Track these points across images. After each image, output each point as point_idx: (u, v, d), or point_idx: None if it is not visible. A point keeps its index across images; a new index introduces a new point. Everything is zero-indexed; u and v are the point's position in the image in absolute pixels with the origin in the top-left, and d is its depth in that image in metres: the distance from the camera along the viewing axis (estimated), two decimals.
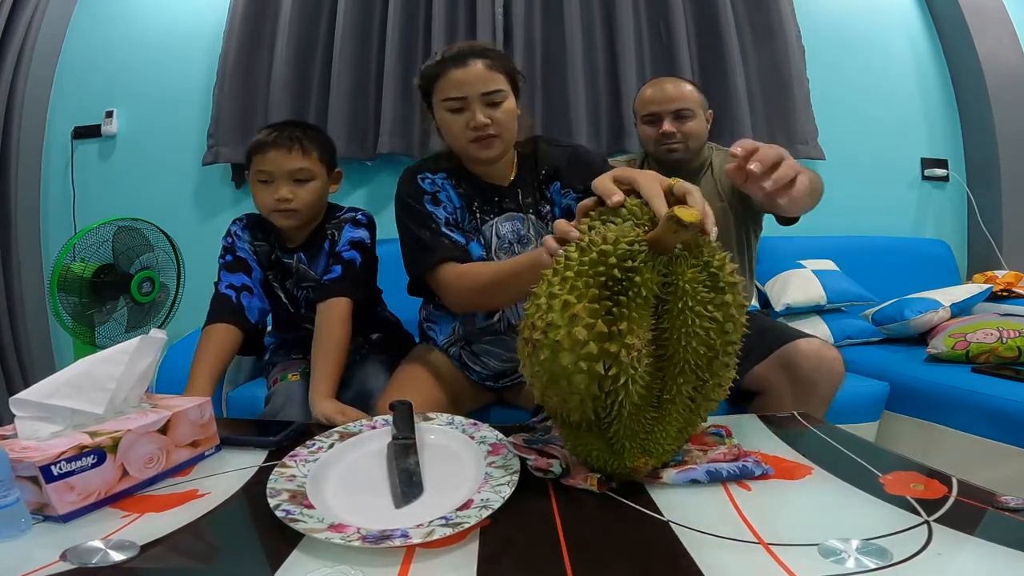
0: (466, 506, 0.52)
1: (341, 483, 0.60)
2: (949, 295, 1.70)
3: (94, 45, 2.17)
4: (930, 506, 0.52)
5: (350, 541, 0.46)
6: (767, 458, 0.64)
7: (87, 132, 2.14)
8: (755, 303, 1.82)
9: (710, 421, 0.71)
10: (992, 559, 0.43)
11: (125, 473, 0.59)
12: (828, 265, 1.92)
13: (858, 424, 1.38)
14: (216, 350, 1.04)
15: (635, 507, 0.54)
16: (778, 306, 1.78)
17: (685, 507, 0.53)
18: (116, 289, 1.71)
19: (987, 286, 1.77)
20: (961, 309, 1.68)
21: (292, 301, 1.20)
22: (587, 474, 0.59)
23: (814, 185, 0.94)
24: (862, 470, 0.61)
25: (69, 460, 0.54)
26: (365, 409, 1.01)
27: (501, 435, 0.67)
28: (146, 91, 2.15)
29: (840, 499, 0.55)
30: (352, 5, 2.01)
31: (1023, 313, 1.59)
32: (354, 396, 1.08)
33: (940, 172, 2.27)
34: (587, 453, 0.58)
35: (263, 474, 0.61)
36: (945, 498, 0.53)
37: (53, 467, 0.52)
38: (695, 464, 0.60)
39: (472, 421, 0.71)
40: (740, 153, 0.67)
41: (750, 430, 0.75)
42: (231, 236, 1.17)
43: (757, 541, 0.47)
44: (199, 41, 2.13)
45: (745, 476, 0.59)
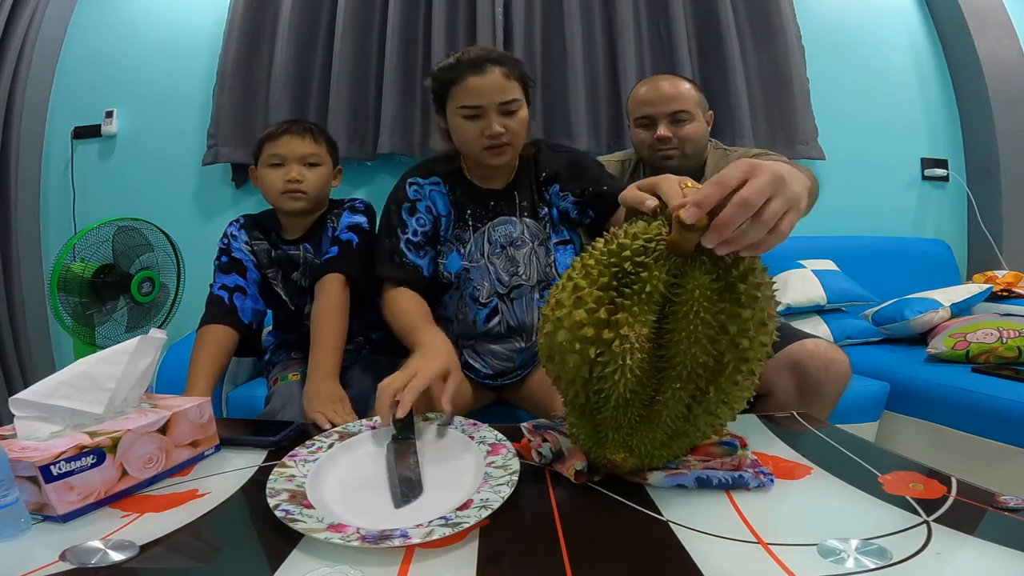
0: (466, 506, 0.52)
1: (341, 483, 0.60)
2: (949, 295, 1.70)
3: (94, 45, 2.17)
4: (929, 506, 0.52)
5: (350, 541, 0.46)
6: (767, 458, 0.64)
7: (87, 132, 2.15)
8: None
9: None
10: (992, 559, 0.43)
11: (125, 473, 0.59)
12: (828, 265, 1.92)
13: (858, 424, 1.38)
14: (212, 351, 1.05)
15: (634, 507, 0.54)
16: (778, 306, 1.78)
17: (685, 507, 0.53)
18: (116, 289, 1.72)
19: (987, 286, 1.77)
20: (961, 309, 1.68)
21: (297, 294, 1.20)
22: (573, 463, 0.59)
23: (810, 190, 0.89)
24: (862, 470, 0.61)
25: (69, 460, 0.54)
26: (364, 409, 1.01)
27: (501, 435, 0.67)
28: (146, 91, 2.15)
29: (839, 499, 0.55)
30: (352, 5, 2.02)
31: (1023, 313, 1.59)
32: (354, 396, 1.08)
33: (940, 172, 2.26)
34: (577, 435, 0.60)
35: (263, 474, 0.61)
36: (944, 498, 0.53)
37: (53, 467, 0.52)
38: (688, 470, 0.59)
39: (472, 421, 0.71)
40: (688, 220, 0.48)
41: (750, 430, 0.75)
42: (227, 237, 1.18)
43: (756, 541, 0.47)
44: (199, 41, 2.13)
45: (737, 487, 0.57)
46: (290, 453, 0.64)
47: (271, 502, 0.53)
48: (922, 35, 2.30)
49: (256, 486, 0.60)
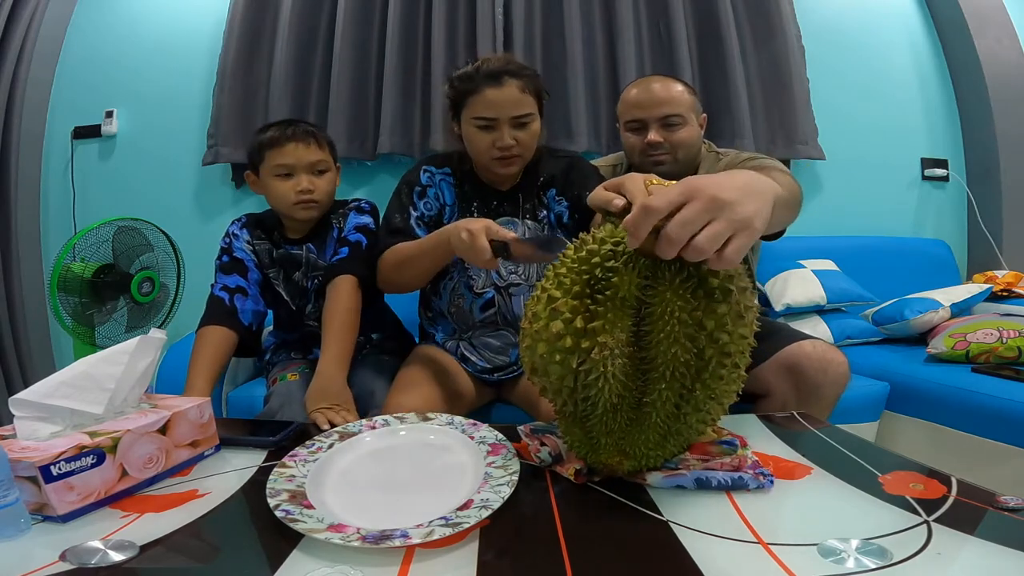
0: (466, 506, 0.52)
1: (341, 483, 0.60)
2: (949, 295, 1.70)
3: (94, 45, 2.17)
4: (930, 506, 0.52)
5: (350, 541, 0.46)
6: (767, 458, 0.64)
7: (87, 132, 2.15)
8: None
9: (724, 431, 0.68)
10: (992, 559, 0.43)
11: (125, 473, 0.59)
12: (828, 265, 1.92)
13: (858, 424, 1.38)
14: (211, 351, 1.04)
15: (635, 507, 0.54)
16: (778, 306, 1.78)
17: (685, 507, 0.53)
18: (116, 289, 1.72)
19: (987, 286, 1.77)
20: (961, 309, 1.68)
21: (299, 294, 1.20)
22: (573, 464, 0.59)
23: (792, 196, 0.89)
24: (862, 470, 0.61)
25: (68, 460, 0.54)
26: (366, 409, 1.01)
27: (501, 435, 0.67)
28: (146, 91, 2.15)
29: (840, 499, 0.55)
30: (352, 5, 2.01)
31: (1023, 313, 1.59)
32: (355, 396, 1.08)
33: (940, 172, 2.26)
34: (571, 442, 0.60)
35: (263, 474, 0.61)
36: (945, 498, 0.53)
37: (52, 467, 0.52)
38: (687, 470, 0.59)
39: (472, 421, 0.71)
40: (630, 247, 0.49)
41: (750, 430, 0.75)
42: (229, 237, 1.18)
43: (757, 541, 0.47)
44: (199, 41, 2.13)
45: (737, 488, 0.56)
46: (290, 453, 0.64)
47: (271, 502, 0.53)
48: (922, 35, 2.30)
49: (256, 486, 0.60)
